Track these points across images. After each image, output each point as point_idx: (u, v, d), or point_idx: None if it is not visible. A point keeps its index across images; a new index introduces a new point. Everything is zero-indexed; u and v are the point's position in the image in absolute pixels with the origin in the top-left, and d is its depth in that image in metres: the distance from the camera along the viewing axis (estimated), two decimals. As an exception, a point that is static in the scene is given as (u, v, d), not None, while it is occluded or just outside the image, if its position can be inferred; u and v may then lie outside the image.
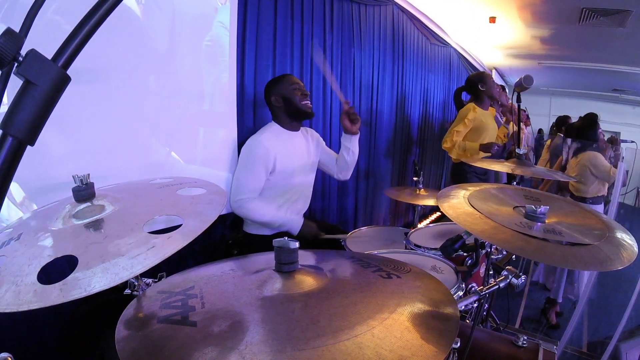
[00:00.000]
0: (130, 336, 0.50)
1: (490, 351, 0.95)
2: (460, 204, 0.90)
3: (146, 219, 0.64)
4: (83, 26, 0.38)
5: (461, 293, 1.13)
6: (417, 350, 0.45)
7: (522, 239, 0.75)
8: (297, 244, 0.59)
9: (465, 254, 1.12)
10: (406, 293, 0.58)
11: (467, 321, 1.32)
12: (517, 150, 1.55)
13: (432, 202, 1.92)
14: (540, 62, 5.47)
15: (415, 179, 2.08)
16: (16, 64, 0.36)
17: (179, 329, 0.49)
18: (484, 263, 1.25)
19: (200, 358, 0.44)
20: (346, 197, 2.72)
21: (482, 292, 0.88)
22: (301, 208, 1.84)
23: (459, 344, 0.67)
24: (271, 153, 1.61)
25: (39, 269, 0.53)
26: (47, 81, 0.36)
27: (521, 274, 0.88)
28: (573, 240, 0.76)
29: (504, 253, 1.47)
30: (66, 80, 0.38)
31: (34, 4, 0.37)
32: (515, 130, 1.93)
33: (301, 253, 0.61)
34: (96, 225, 0.63)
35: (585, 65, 5.21)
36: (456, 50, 4.78)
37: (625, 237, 0.80)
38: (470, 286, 1.08)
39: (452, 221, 0.83)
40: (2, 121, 0.36)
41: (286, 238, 0.60)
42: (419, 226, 1.85)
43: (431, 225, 1.87)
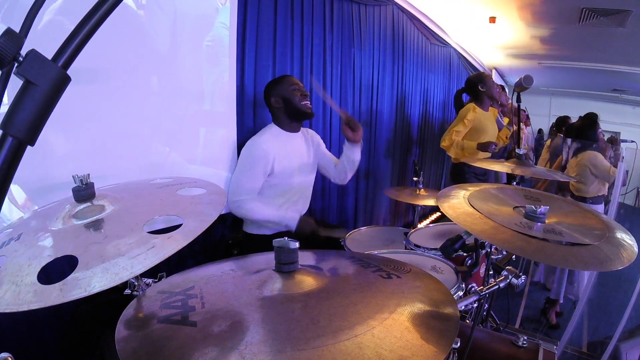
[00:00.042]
0: (130, 336, 0.50)
1: (490, 351, 0.95)
2: (460, 204, 0.90)
3: (146, 219, 0.64)
4: (83, 26, 0.38)
5: (461, 293, 1.13)
6: (417, 350, 0.45)
7: (522, 239, 0.75)
8: (297, 244, 0.59)
9: (465, 254, 1.13)
10: (406, 293, 0.58)
11: (467, 321, 1.32)
12: (517, 150, 1.55)
13: (432, 202, 1.92)
14: (540, 62, 5.47)
15: (415, 179, 2.08)
16: (16, 64, 0.36)
17: (179, 329, 0.50)
18: (484, 263, 1.25)
19: (200, 358, 0.44)
20: (346, 197, 2.72)
21: (482, 292, 0.88)
22: (301, 208, 1.84)
23: (459, 344, 0.67)
24: (270, 155, 1.61)
25: (39, 269, 0.53)
26: (47, 81, 0.36)
27: (521, 274, 0.89)
28: (573, 240, 0.77)
29: (504, 253, 1.47)
30: (66, 80, 0.38)
31: (34, 4, 0.37)
32: (515, 129, 1.93)
33: (301, 253, 0.61)
34: (96, 225, 0.63)
35: (585, 65, 5.21)
36: (456, 50, 4.78)
37: (625, 237, 0.80)
38: (470, 286, 1.08)
39: (452, 221, 0.83)
40: (2, 121, 0.36)
41: (286, 238, 0.60)
42: (419, 226, 1.85)
43: (431, 225, 1.88)
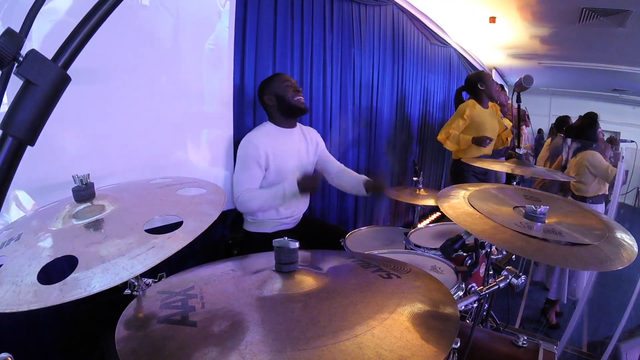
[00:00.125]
0: (130, 336, 0.50)
1: (490, 351, 0.95)
2: (460, 204, 0.90)
3: (146, 219, 0.64)
4: (83, 26, 0.38)
5: (461, 293, 1.13)
6: (417, 350, 0.45)
7: (522, 239, 0.75)
8: (297, 244, 0.59)
9: (465, 254, 1.13)
10: (406, 293, 0.58)
11: (467, 321, 1.32)
12: (517, 150, 1.55)
13: (432, 202, 1.92)
14: (540, 62, 5.47)
15: (415, 179, 2.08)
16: (16, 64, 0.36)
17: (179, 329, 0.49)
18: (484, 263, 1.25)
19: (200, 358, 0.44)
20: (346, 197, 2.71)
21: (482, 292, 0.88)
22: (301, 207, 1.84)
23: (459, 344, 0.67)
24: (261, 149, 1.61)
25: (39, 269, 0.53)
26: (47, 81, 0.36)
27: (521, 274, 0.89)
28: (573, 240, 0.76)
29: (504, 253, 1.47)
30: (66, 80, 0.38)
31: (34, 4, 0.37)
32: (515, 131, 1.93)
33: (301, 253, 0.61)
34: (96, 225, 0.63)
35: (585, 65, 5.21)
36: (456, 50, 4.78)
37: (625, 237, 0.80)
38: (470, 286, 1.08)
39: (452, 221, 0.83)
40: (2, 121, 0.36)
41: (286, 238, 0.60)
42: (419, 226, 1.85)
43: (431, 225, 1.87)
